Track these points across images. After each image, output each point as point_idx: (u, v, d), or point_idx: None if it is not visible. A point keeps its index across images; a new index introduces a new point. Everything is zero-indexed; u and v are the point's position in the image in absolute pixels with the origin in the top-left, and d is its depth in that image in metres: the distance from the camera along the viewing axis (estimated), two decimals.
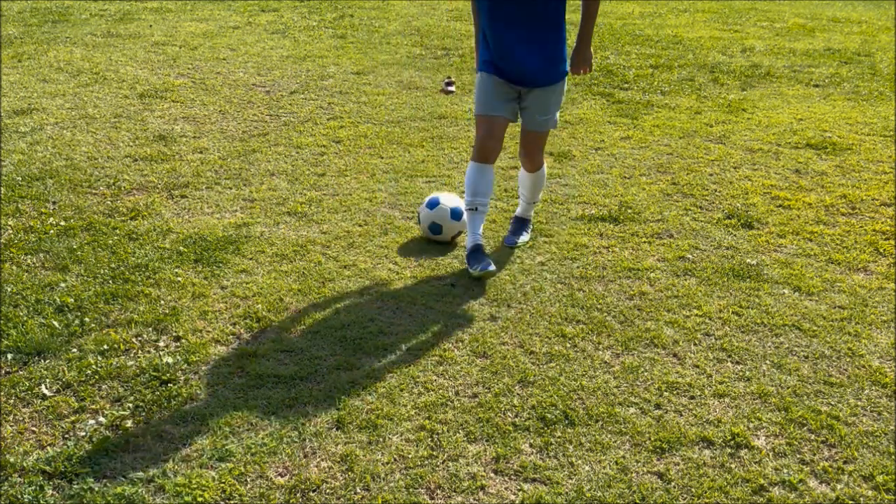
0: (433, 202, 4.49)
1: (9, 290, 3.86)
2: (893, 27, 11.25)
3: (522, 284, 4.11)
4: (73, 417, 3.06)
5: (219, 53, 8.51)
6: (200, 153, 5.72)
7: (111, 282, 3.97)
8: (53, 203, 4.84)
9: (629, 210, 5.01)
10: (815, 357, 3.59)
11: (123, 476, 2.79)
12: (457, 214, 4.45)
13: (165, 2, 11.14)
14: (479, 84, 4.16)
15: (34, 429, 3.01)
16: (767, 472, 2.91)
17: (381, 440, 3.00)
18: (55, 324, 3.60)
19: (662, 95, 7.58)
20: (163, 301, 3.84)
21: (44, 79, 7.35)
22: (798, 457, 2.99)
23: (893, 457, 3.00)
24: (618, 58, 8.96)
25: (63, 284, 3.93)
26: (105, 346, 3.46)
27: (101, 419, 3.05)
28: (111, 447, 2.91)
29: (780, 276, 4.27)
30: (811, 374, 3.47)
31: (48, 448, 2.91)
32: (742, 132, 6.59)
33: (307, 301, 3.90)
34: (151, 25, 9.70)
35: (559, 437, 3.04)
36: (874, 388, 3.38)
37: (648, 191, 5.36)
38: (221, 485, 2.77)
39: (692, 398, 3.29)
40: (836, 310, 3.97)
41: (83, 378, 3.27)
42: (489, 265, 4.07)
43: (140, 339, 3.54)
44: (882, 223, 4.96)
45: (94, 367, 3.32)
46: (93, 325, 3.62)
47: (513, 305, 3.92)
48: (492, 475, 2.87)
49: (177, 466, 2.84)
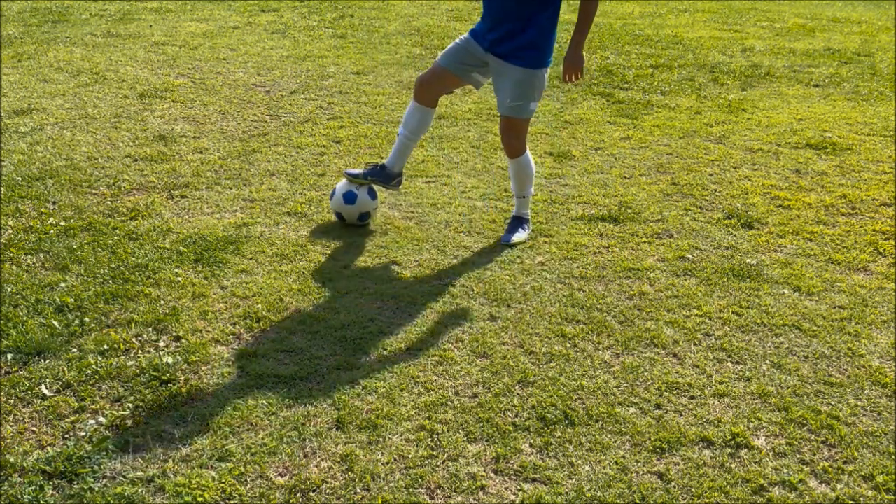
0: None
1: (9, 290, 3.86)
2: (893, 27, 11.25)
3: (522, 284, 4.11)
4: (73, 417, 3.06)
5: (219, 53, 8.51)
6: (200, 153, 5.72)
7: (111, 282, 3.97)
8: (53, 203, 4.84)
9: (629, 210, 5.01)
10: (815, 357, 3.59)
11: (123, 476, 2.79)
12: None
13: (165, 2, 11.15)
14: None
15: (34, 429, 3.01)
16: (767, 472, 2.91)
17: (381, 440, 3.00)
18: (55, 324, 3.60)
19: (662, 95, 7.58)
20: (163, 301, 3.84)
21: (44, 79, 7.35)
22: (798, 457, 2.99)
23: (893, 457, 3.00)
24: (618, 58, 8.96)
25: (63, 284, 3.93)
26: (105, 346, 3.46)
27: (101, 419, 3.05)
28: (111, 447, 2.91)
29: (780, 276, 4.27)
30: (811, 374, 3.47)
31: (48, 448, 2.91)
32: (742, 132, 6.60)
33: (307, 301, 3.90)
34: (151, 25, 9.70)
35: (559, 437, 3.04)
36: (874, 388, 3.38)
37: (648, 191, 5.36)
38: (221, 485, 2.77)
39: (692, 398, 3.30)
40: (836, 310, 3.97)
41: (83, 378, 3.27)
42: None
43: (140, 339, 3.54)
44: (882, 223, 4.97)
45: (94, 367, 3.32)
46: (93, 325, 3.62)
47: (513, 305, 3.92)
48: (492, 475, 2.87)
49: (177, 466, 2.84)
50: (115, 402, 3.15)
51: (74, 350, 3.44)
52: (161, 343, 3.54)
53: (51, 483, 2.75)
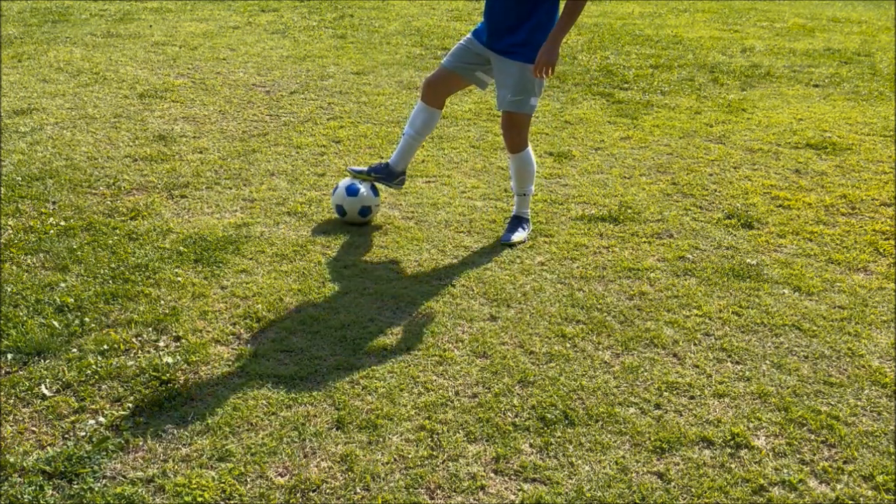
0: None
1: (9, 290, 3.86)
2: (893, 27, 11.26)
3: (522, 284, 4.11)
4: (73, 417, 3.06)
5: (219, 53, 8.51)
6: (200, 153, 5.72)
7: (111, 282, 3.97)
8: (53, 203, 4.84)
9: (629, 210, 5.01)
10: (815, 357, 3.59)
11: (123, 476, 2.79)
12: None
13: (165, 2, 11.15)
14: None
15: (34, 429, 3.01)
16: (767, 472, 2.91)
17: (381, 440, 3.00)
18: (55, 324, 3.60)
19: (662, 95, 7.58)
20: (163, 301, 3.84)
21: (44, 79, 7.35)
22: (798, 457, 2.99)
23: (893, 457, 3.00)
24: (618, 58, 8.96)
25: (63, 284, 3.93)
26: (105, 346, 3.46)
27: (101, 419, 3.05)
28: (111, 447, 2.91)
29: (780, 276, 4.27)
30: (811, 374, 3.47)
31: (48, 448, 2.91)
32: (742, 132, 6.60)
33: (307, 301, 3.90)
34: (151, 25, 9.70)
35: (559, 437, 3.04)
36: (874, 388, 3.38)
37: (648, 191, 5.36)
38: (221, 485, 2.77)
39: (692, 398, 3.30)
40: (836, 310, 3.97)
41: (83, 378, 3.27)
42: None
43: (140, 339, 3.54)
44: (882, 223, 4.97)
45: (94, 367, 3.32)
46: (93, 325, 3.62)
47: (513, 305, 3.92)
48: (492, 475, 2.87)
49: (177, 466, 2.84)
50: (115, 402, 3.15)
51: (74, 350, 3.44)
52: (161, 343, 3.54)
53: (51, 483, 2.75)
